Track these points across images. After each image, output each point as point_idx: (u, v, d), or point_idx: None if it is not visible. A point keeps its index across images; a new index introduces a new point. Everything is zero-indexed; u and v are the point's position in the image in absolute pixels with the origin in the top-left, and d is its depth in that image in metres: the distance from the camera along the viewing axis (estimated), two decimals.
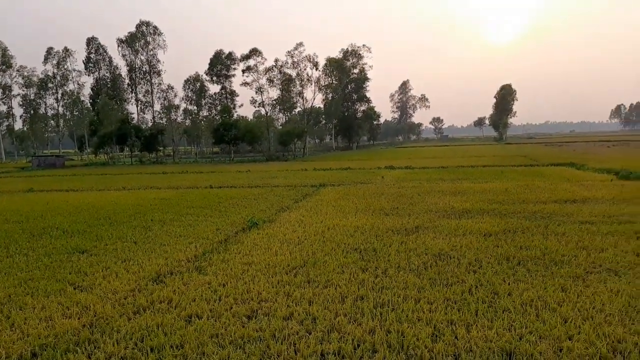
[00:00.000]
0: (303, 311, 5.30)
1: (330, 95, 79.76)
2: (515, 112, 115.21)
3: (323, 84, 73.80)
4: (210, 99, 71.50)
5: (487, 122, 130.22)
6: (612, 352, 4.15)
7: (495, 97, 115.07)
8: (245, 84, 67.37)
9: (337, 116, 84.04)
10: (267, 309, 5.43)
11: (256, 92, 68.18)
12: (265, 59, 66.56)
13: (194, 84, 70.07)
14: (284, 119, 79.07)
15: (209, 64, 69.74)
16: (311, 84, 70.23)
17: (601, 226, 9.30)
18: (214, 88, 72.27)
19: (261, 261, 7.48)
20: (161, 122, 69.08)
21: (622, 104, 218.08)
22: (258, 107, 72.50)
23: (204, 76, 70.21)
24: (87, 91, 74.45)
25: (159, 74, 68.47)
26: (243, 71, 66.75)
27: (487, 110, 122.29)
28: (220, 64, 69.48)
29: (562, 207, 11.77)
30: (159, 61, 68.32)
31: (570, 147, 57.22)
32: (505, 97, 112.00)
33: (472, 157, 41.40)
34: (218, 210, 13.39)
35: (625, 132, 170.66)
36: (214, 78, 69.99)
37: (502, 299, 5.47)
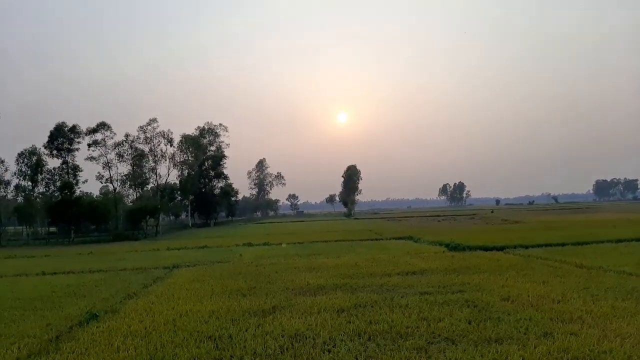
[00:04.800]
0: None
1: (187, 171, 78.09)
2: (361, 190, 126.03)
3: (178, 160, 72.19)
4: (48, 174, 64.10)
5: (337, 198, 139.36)
6: None
7: (343, 176, 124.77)
8: (91, 158, 62.60)
9: (194, 192, 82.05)
10: None
11: (103, 168, 63.63)
12: (115, 134, 63.24)
13: (30, 158, 62.37)
14: (134, 196, 74.28)
15: (49, 137, 62.84)
16: (165, 160, 68.22)
17: (438, 296, 10.32)
18: (53, 162, 65.25)
19: None
20: None
21: (447, 184, 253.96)
22: (105, 183, 67.27)
23: (42, 149, 63.18)
24: None
25: None
26: (89, 145, 62.18)
27: (337, 187, 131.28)
28: (63, 136, 63.56)
29: (404, 279, 12.83)
30: None
31: (408, 221, 63.74)
32: (351, 177, 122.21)
33: (325, 232, 43.35)
34: (50, 301, 11.67)
35: (452, 208, 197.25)
36: (54, 152, 63.34)
37: None
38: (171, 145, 68.93)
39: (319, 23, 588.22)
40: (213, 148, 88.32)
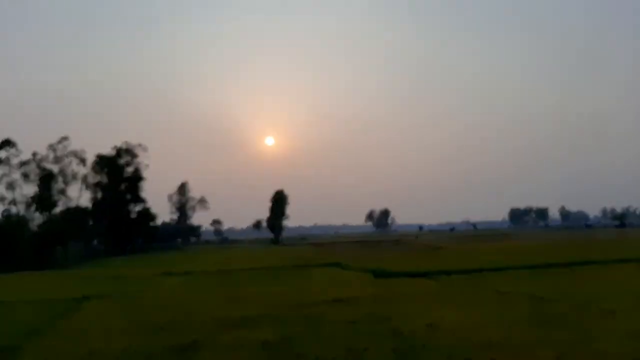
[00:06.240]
0: None
1: (100, 194, 73.54)
2: (289, 215, 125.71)
3: (91, 182, 67.96)
4: None
5: (264, 224, 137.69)
6: None
7: (270, 201, 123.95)
8: None
9: (108, 217, 77.13)
10: None
11: (7, 189, 58.36)
12: (21, 151, 58.54)
13: None
14: (41, 220, 68.41)
15: None
16: (77, 181, 64.04)
17: (364, 325, 10.29)
18: None
19: None
20: None
21: (373, 210, 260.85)
22: (8, 205, 61.52)
23: None
24: None
25: None
26: None
27: (264, 212, 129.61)
28: None
29: (331, 308, 12.74)
30: None
31: (336, 247, 64.34)
32: (279, 202, 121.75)
33: (251, 259, 42.50)
34: None
35: (378, 234, 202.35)
36: None
37: None
38: (84, 166, 65.02)
39: (247, 47, 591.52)
40: (131, 169, 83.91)
